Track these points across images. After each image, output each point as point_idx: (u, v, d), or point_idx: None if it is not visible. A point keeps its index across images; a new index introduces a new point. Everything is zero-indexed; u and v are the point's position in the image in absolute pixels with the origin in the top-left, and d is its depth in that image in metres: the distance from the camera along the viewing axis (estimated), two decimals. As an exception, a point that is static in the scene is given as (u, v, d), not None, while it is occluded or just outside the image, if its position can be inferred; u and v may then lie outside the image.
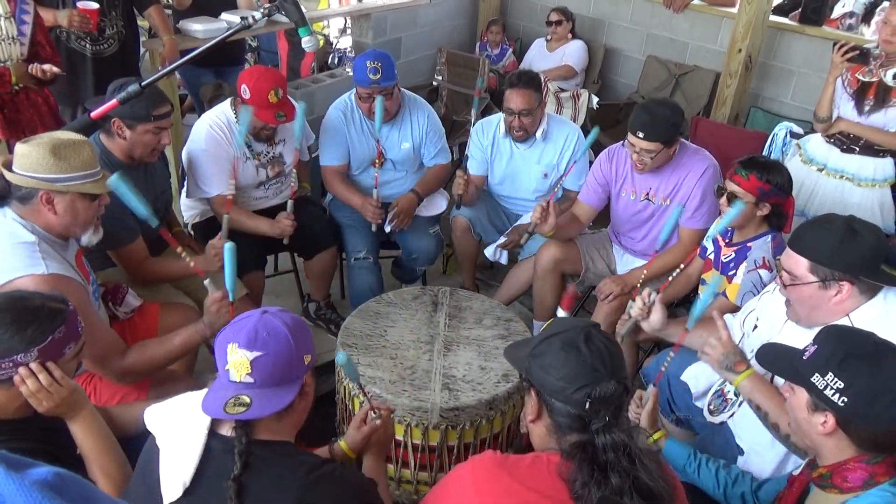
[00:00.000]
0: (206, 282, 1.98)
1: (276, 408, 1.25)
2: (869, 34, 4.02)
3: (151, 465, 1.25)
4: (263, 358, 1.24)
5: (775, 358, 1.46)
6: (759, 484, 1.66)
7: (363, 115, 2.93)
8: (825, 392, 1.27)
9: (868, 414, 1.24)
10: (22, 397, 1.39)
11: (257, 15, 2.16)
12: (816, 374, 1.29)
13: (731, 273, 2.30)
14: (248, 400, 1.23)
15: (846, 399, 1.25)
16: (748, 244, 2.26)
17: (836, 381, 1.26)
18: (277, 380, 1.26)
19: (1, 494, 0.62)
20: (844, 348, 1.29)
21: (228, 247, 1.83)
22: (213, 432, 1.25)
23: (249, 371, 1.24)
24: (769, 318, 1.92)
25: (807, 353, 1.35)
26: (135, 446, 1.33)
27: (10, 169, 1.72)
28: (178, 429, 1.26)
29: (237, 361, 1.24)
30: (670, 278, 2.27)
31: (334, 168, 2.99)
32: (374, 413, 1.61)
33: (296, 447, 1.32)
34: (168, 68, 2.15)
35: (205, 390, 1.29)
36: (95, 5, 2.96)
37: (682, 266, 2.30)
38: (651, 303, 2.07)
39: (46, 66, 2.61)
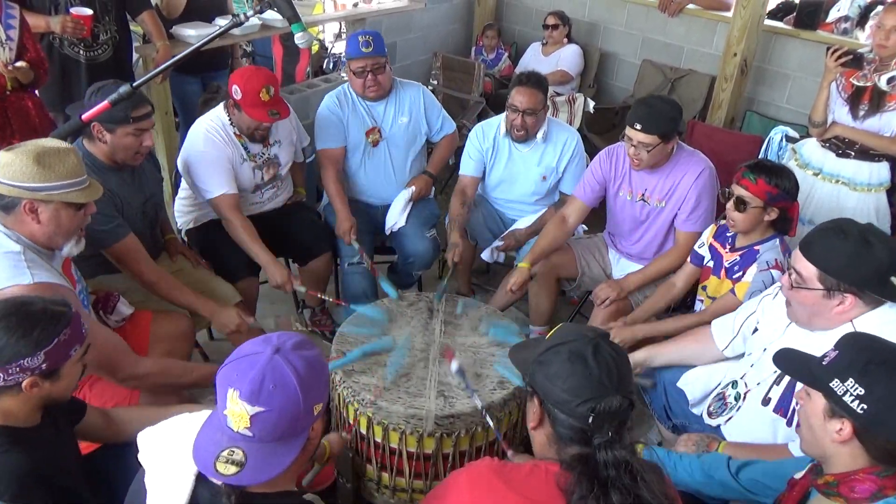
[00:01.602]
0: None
1: (272, 473, 1.13)
2: (863, 38, 4.02)
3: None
4: (266, 414, 1.11)
5: (793, 362, 1.43)
6: (738, 466, 1.63)
7: (358, 97, 2.98)
8: (844, 398, 1.24)
9: (887, 422, 1.21)
10: (31, 403, 1.39)
11: (249, 12, 2.15)
12: (836, 380, 1.26)
13: (735, 277, 2.28)
14: (242, 458, 1.11)
15: (866, 406, 1.22)
16: (755, 248, 2.26)
17: (857, 388, 1.23)
18: (280, 435, 1.14)
19: None
20: (867, 355, 1.26)
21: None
22: (201, 477, 1.16)
23: (248, 425, 1.11)
24: (771, 321, 1.91)
25: (826, 359, 1.32)
26: (131, 452, 1.30)
27: None
28: (167, 468, 1.19)
29: (236, 412, 1.11)
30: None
31: (331, 151, 3.00)
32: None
33: (295, 497, 1.23)
34: (159, 68, 2.12)
35: (198, 415, 1.22)
36: (89, 11, 2.94)
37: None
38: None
39: (20, 63, 2.58)
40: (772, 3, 4.31)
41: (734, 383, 1.97)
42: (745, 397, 1.91)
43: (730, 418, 1.93)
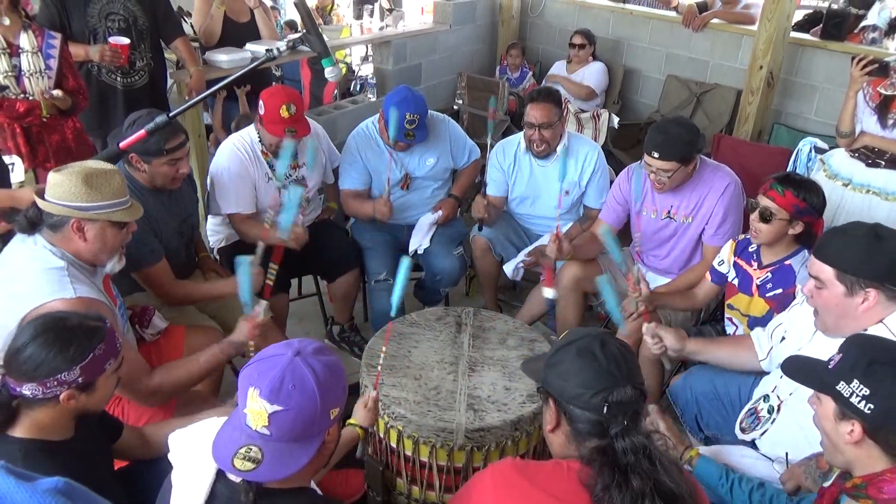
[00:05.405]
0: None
1: (287, 472, 1.15)
2: (893, 48, 3.98)
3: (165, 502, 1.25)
4: (284, 413, 1.14)
5: (801, 368, 1.46)
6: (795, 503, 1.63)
7: (384, 144, 2.99)
8: (851, 399, 1.27)
9: (895, 419, 1.23)
10: (66, 415, 1.43)
11: (282, 46, 2.21)
12: (842, 382, 1.29)
13: (768, 295, 2.25)
14: (259, 455, 1.14)
15: (872, 406, 1.25)
16: (786, 262, 2.23)
17: (862, 388, 1.26)
18: (296, 436, 1.17)
19: (14, 502, 0.66)
20: (869, 355, 1.29)
21: (241, 260, 1.86)
22: (221, 474, 1.20)
23: (266, 424, 1.15)
24: (797, 329, 1.91)
25: (832, 363, 1.35)
26: (165, 466, 1.33)
27: (42, 197, 1.76)
28: (191, 466, 1.23)
29: (255, 410, 1.15)
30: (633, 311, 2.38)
31: (352, 192, 3.05)
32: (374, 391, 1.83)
33: (311, 494, 1.25)
34: (196, 98, 2.20)
35: (226, 418, 1.26)
36: (126, 40, 3.05)
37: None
38: (654, 333, 2.14)
39: (55, 92, 2.67)
40: (798, 14, 4.29)
41: (766, 397, 1.95)
42: (779, 409, 1.88)
43: (765, 431, 1.90)
